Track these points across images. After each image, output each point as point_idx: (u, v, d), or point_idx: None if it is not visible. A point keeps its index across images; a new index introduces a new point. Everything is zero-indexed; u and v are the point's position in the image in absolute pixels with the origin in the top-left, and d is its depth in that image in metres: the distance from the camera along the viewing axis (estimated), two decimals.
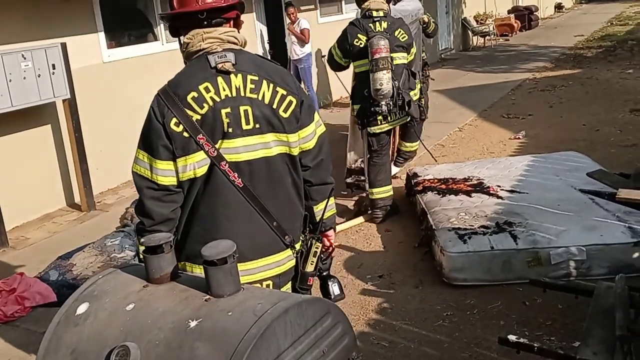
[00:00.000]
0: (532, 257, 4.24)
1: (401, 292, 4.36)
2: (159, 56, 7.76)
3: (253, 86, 2.17)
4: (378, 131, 5.43)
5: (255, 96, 2.18)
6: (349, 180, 6.05)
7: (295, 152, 2.28)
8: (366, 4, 5.40)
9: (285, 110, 2.22)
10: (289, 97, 2.23)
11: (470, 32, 18.33)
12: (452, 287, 4.30)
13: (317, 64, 10.97)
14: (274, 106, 2.20)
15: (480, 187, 5.36)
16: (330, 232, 2.56)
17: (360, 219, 5.67)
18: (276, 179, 2.24)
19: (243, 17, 2.42)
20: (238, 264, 1.85)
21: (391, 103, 5.20)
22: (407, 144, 6.20)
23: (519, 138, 7.89)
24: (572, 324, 3.67)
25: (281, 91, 2.22)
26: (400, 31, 5.37)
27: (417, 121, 5.76)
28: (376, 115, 5.27)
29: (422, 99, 5.76)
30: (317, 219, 2.44)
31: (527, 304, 4.02)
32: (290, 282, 2.37)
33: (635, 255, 4.07)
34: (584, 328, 2.30)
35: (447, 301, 4.16)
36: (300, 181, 2.34)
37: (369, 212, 5.69)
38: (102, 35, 7.22)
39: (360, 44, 5.29)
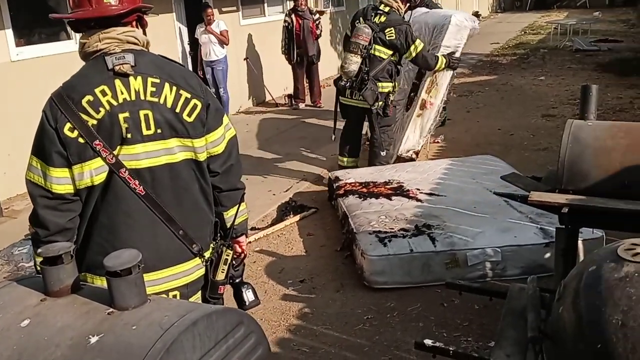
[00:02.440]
0: (450, 259, 4.31)
1: (322, 296, 4.33)
2: (73, 55, 7.41)
3: (154, 89, 2.08)
4: (344, 102, 6.15)
5: (156, 100, 2.08)
6: None
7: (202, 157, 2.20)
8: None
9: (189, 114, 2.14)
10: (194, 101, 2.14)
11: None
12: (373, 290, 4.31)
13: (239, 67, 10.87)
14: (177, 110, 2.11)
15: (400, 191, 5.42)
16: (242, 238, 2.50)
17: (283, 224, 5.62)
18: (181, 185, 2.16)
19: (162, 17, 2.31)
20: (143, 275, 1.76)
21: (349, 83, 5.84)
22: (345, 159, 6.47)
23: (437, 142, 8.05)
24: (489, 324, 3.75)
25: (185, 94, 2.13)
26: (390, 30, 5.81)
27: (377, 114, 5.98)
28: (340, 87, 5.96)
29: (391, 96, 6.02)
30: (228, 225, 2.37)
31: (445, 305, 4.08)
32: (200, 292, 2.29)
33: (547, 255, 4.21)
34: (497, 330, 2.34)
35: (368, 304, 4.16)
36: (209, 187, 2.27)
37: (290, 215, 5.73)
38: (9, 32, 6.85)
39: (358, 24, 5.93)
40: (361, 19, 5.92)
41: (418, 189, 5.39)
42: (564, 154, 2.86)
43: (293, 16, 10.39)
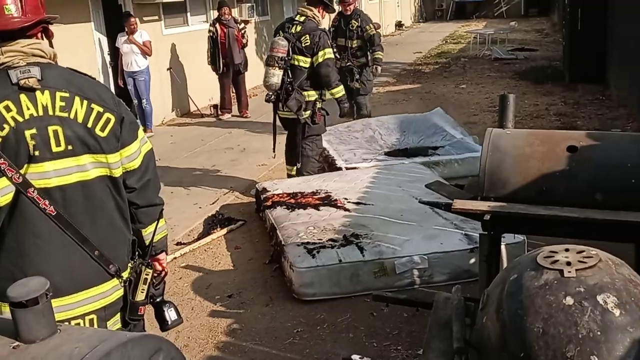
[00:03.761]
0: (378, 268, 4.33)
1: (251, 311, 4.26)
2: None
3: (63, 104, 1.98)
4: (281, 115, 6.11)
5: (66, 115, 1.99)
6: None
7: (117, 173, 2.11)
8: (300, 9, 6.10)
9: (102, 129, 2.05)
10: (107, 115, 2.06)
11: None
12: (303, 302, 4.27)
13: (162, 77, 10.64)
14: (89, 125, 2.03)
15: (328, 201, 5.41)
16: (162, 256, 2.42)
17: (210, 238, 5.50)
18: (96, 204, 2.07)
19: (80, 26, 2.21)
20: (55, 300, 1.65)
21: (274, 96, 5.87)
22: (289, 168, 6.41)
23: None
24: (418, 332, 3.78)
25: (97, 108, 2.04)
26: (305, 37, 5.85)
27: (305, 123, 5.95)
28: (271, 101, 5.99)
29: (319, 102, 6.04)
30: (147, 242, 2.29)
31: (374, 315, 4.08)
32: (119, 313, 2.20)
33: (472, 260, 4.29)
34: (424, 342, 2.34)
35: (298, 317, 4.12)
36: (125, 204, 2.18)
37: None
38: None
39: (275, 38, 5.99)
40: (280, 32, 5.96)
41: (346, 199, 5.40)
42: (485, 162, 2.91)
43: (218, 25, 10.29)
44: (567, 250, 2.05)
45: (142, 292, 2.22)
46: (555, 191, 2.79)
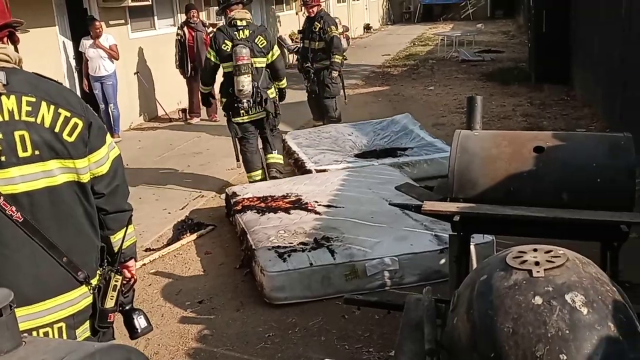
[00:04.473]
0: (349, 271, 4.33)
1: (222, 316, 4.22)
2: None
3: (30, 108, 1.96)
4: (241, 121, 6.24)
5: (32, 119, 1.96)
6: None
7: (85, 179, 2.09)
8: (232, 13, 6.12)
9: (70, 134, 2.03)
10: (74, 119, 2.04)
11: (286, 50, 18.74)
12: (274, 307, 4.25)
13: (130, 81, 10.52)
14: (57, 130, 2.01)
15: (298, 204, 5.40)
16: (131, 262, 2.40)
17: (179, 243, 5.45)
18: (64, 210, 2.04)
19: (44, 30, 2.19)
20: (24, 308, 1.61)
21: (251, 100, 6.05)
22: (270, 156, 6.54)
23: None
24: (389, 334, 3.78)
25: (64, 113, 2.03)
26: (260, 38, 6.09)
27: (273, 117, 6.30)
28: (239, 109, 6.12)
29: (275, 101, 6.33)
30: (116, 249, 2.26)
31: (346, 318, 4.08)
32: (88, 321, 2.16)
33: (442, 261, 4.32)
34: (396, 344, 2.35)
35: (269, 322, 4.10)
36: (94, 210, 2.16)
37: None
38: None
39: (227, 49, 6.02)
40: (226, 41, 6.03)
41: (316, 202, 5.40)
42: (453, 163, 2.93)
43: (185, 29, 10.22)
44: (535, 250, 2.07)
45: (111, 299, 2.19)
46: (523, 191, 2.82)
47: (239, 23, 6.06)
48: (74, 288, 2.09)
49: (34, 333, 1.96)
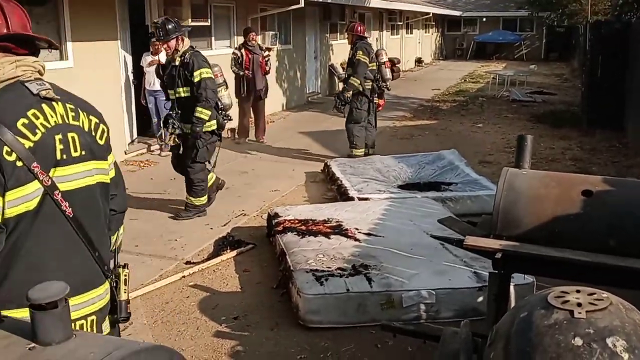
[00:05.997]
0: (385, 300, 4.32)
1: (256, 334, 4.26)
2: None
3: (74, 114, 2.13)
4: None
5: (78, 123, 2.14)
6: None
7: (108, 180, 2.26)
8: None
9: (101, 138, 2.22)
10: (102, 125, 2.24)
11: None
12: (308, 329, 4.27)
13: None
14: (93, 133, 2.19)
15: (339, 229, 5.43)
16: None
17: (219, 259, 5.53)
18: (96, 207, 2.20)
19: (107, 43, 2.36)
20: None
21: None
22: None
23: None
24: None
25: (94, 119, 2.21)
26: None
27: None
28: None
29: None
30: (113, 248, 2.39)
31: (379, 347, 4.07)
32: (108, 317, 2.28)
33: (480, 299, 4.27)
34: None
35: (302, 344, 4.11)
36: (108, 210, 2.30)
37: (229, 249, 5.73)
38: None
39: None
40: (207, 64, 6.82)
41: (357, 229, 5.42)
42: (499, 200, 2.93)
43: (243, 50, 10.44)
44: (578, 291, 2.06)
45: (124, 292, 2.32)
46: (568, 234, 2.79)
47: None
48: (102, 283, 2.22)
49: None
